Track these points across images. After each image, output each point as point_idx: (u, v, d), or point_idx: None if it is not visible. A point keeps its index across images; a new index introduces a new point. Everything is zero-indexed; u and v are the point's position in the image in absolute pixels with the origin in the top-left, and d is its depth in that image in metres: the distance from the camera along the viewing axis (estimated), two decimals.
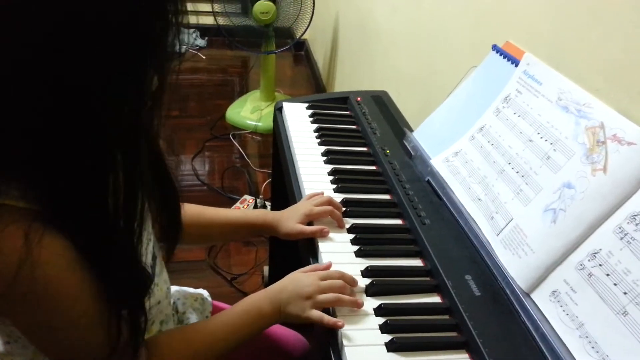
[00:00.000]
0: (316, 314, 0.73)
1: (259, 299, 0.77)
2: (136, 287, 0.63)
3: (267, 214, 0.95)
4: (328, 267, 0.80)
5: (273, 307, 0.75)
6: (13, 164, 0.52)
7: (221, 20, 2.58)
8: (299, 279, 0.77)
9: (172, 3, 0.53)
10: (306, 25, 2.58)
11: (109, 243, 0.57)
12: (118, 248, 0.58)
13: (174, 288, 0.96)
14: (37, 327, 0.57)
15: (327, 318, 0.72)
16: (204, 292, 0.99)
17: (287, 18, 2.58)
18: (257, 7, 2.47)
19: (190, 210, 0.89)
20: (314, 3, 2.48)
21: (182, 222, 0.77)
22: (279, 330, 1.00)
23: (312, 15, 2.53)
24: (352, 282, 0.77)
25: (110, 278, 0.58)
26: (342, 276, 0.77)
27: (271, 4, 2.46)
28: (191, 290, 0.97)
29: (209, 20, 2.72)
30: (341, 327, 0.71)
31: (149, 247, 0.70)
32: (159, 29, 0.53)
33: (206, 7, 2.57)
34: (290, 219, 0.91)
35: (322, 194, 0.95)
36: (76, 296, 0.56)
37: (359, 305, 0.74)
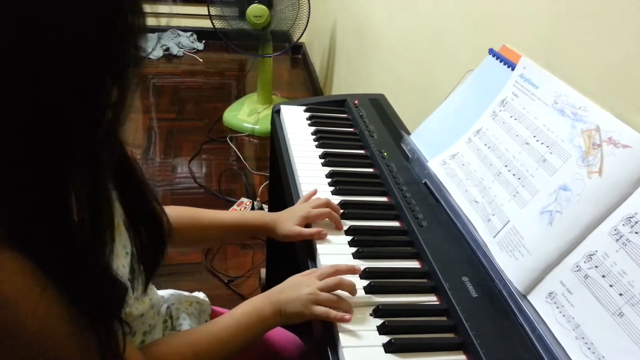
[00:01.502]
0: (321, 309, 0.73)
1: (259, 301, 0.76)
2: (108, 299, 0.59)
3: (264, 216, 0.95)
4: None
5: (274, 309, 0.75)
6: None
7: (218, 24, 2.58)
8: (297, 281, 0.78)
9: (128, 9, 0.50)
10: (302, 29, 2.59)
11: (75, 258, 0.54)
12: (84, 262, 0.55)
13: (168, 292, 0.95)
14: (1, 351, 0.53)
15: (333, 313, 0.72)
16: (200, 295, 0.99)
17: (284, 22, 2.59)
18: (251, 11, 2.47)
19: (187, 213, 0.89)
20: (309, 7, 2.49)
21: (164, 241, 0.75)
22: (275, 331, 1.00)
23: (308, 19, 2.54)
24: (348, 271, 0.78)
25: (78, 292, 0.55)
26: (337, 270, 0.78)
27: (265, 7, 2.46)
28: (186, 294, 0.97)
29: (206, 23, 2.73)
30: (348, 320, 0.72)
31: (125, 261, 0.66)
32: (115, 37, 0.50)
33: (204, 10, 2.58)
34: (288, 221, 0.91)
35: (316, 191, 0.96)
36: (39, 313, 0.52)
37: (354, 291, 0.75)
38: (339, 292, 0.76)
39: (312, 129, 1.22)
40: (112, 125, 0.54)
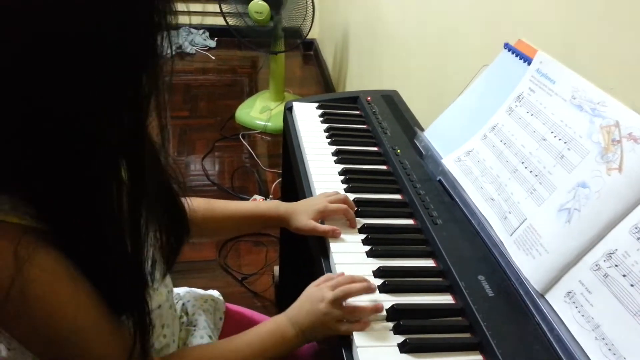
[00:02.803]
0: (345, 328, 0.72)
1: (282, 322, 0.74)
2: (136, 292, 0.61)
3: (279, 206, 0.94)
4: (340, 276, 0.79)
5: (296, 332, 0.73)
6: (2, 178, 0.51)
7: (231, 21, 2.58)
8: (311, 295, 0.76)
9: (160, 6, 0.51)
10: (309, 26, 2.57)
11: (110, 255, 0.56)
12: (120, 259, 0.57)
13: (183, 289, 0.96)
14: (35, 341, 0.56)
15: (357, 327, 0.71)
16: (215, 293, 0.99)
17: (294, 18, 2.58)
18: (252, 7, 2.48)
19: (201, 204, 0.88)
20: (313, 4, 2.47)
21: (187, 232, 0.76)
22: None
23: (314, 16, 2.51)
24: (361, 281, 0.77)
25: (110, 287, 0.57)
26: (351, 279, 0.76)
27: (265, 4, 2.45)
28: (201, 291, 0.97)
29: (218, 20, 2.73)
30: (368, 326, 0.71)
31: (149, 253, 0.67)
32: (146, 36, 0.51)
33: (216, 7, 2.58)
34: (303, 214, 0.90)
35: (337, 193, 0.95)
36: (70, 310, 0.55)
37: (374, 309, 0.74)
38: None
39: (325, 126, 1.21)
40: (144, 119, 0.55)
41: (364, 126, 1.24)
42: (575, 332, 0.66)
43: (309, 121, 1.23)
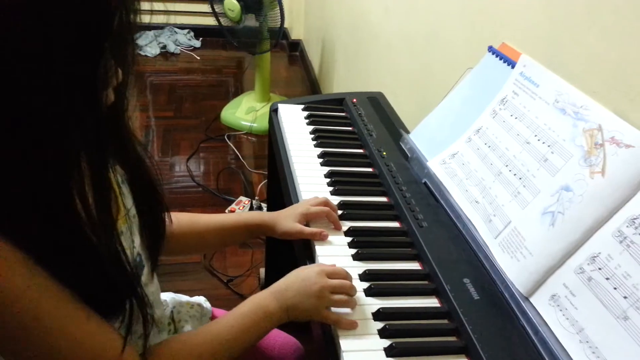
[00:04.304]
0: (333, 316, 0.72)
1: (264, 297, 0.74)
2: (124, 283, 0.60)
3: (263, 214, 0.94)
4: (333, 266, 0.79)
5: (280, 306, 0.73)
6: None
7: (212, 21, 2.57)
8: (305, 276, 0.75)
9: None
10: (278, 26, 2.56)
11: (81, 247, 0.54)
12: (90, 250, 0.55)
13: (169, 296, 0.95)
14: (5, 342, 0.54)
15: (344, 321, 0.71)
16: (201, 299, 0.98)
17: (270, 19, 2.57)
18: (226, 5, 2.50)
19: (183, 219, 0.88)
20: (281, 5, 2.47)
21: (165, 233, 0.74)
22: (274, 334, 0.99)
23: (283, 18, 2.50)
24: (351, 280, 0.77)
25: (90, 281, 0.56)
26: (348, 275, 0.77)
27: (235, 2, 2.46)
28: (185, 298, 0.96)
29: (203, 20, 2.72)
30: (356, 327, 0.71)
31: (133, 253, 0.67)
32: (104, 12, 0.49)
33: (200, 7, 2.56)
34: (288, 218, 0.90)
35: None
36: (28, 301, 0.52)
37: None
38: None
39: (311, 128, 1.20)
40: (115, 110, 0.54)
41: (350, 128, 1.23)
42: (559, 335, 0.67)
43: (294, 123, 1.22)
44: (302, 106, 1.29)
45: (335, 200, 0.95)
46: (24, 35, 0.46)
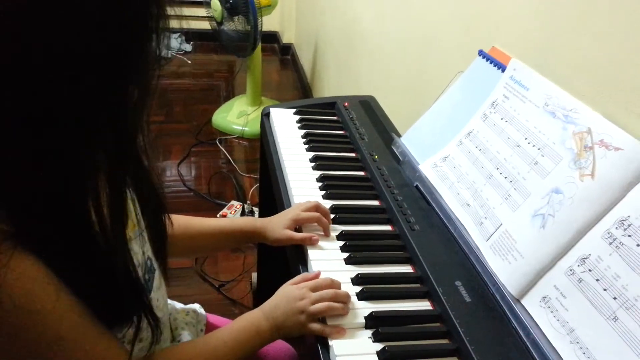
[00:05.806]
0: (317, 327, 0.72)
1: (256, 317, 0.76)
2: (134, 295, 0.61)
3: (255, 221, 0.94)
4: (317, 276, 0.79)
5: (270, 325, 0.74)
6: None
7: (209, 25, 2.57)
8: (289, 293, 0.76)
9: (153, 9, 0.51)
10: (260, 28, 2.57)
11: (94, 258, 0.55)
12: (104, 262, 0.56)
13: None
14: (15, 352, 0.54)
15: (328, 329, 0.72)
16: (196, 306, 0.97)
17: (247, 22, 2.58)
18: (212, 5, 2.53)
19: (177, 222, 0.88)
20: (260, 10, 2.48)
21: (167, 234, 0.75)
22: None
23: (261, 22, 2.51)
24: (339, 286, 0.77)
25: (101, 296, 0.57)
26: (332, 283, 0.76)
27: (217, 2, 2.49)
28: (179, 305, 0.96)
29: (194, 24, 2.71)
30: (344, 333, 0.71)
31: (144, 259, 0.68)
32: (138, 39, 0.51)
33: (192, 11, 2.56)
34: (278, 224, 0.90)
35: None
36: (52, 318, 0.53)
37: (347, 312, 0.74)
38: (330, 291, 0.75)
39: (302, 132, 1.20)
40: (132, 125, 0.55)
41: (342, 132, 1.24)
42: (550, 336, 0.67)
43: (286, 127, 1.22)
44: (294, 110, 1.29)
45: (327, 204, 0.95)
46: (60, 54, 0.46)
